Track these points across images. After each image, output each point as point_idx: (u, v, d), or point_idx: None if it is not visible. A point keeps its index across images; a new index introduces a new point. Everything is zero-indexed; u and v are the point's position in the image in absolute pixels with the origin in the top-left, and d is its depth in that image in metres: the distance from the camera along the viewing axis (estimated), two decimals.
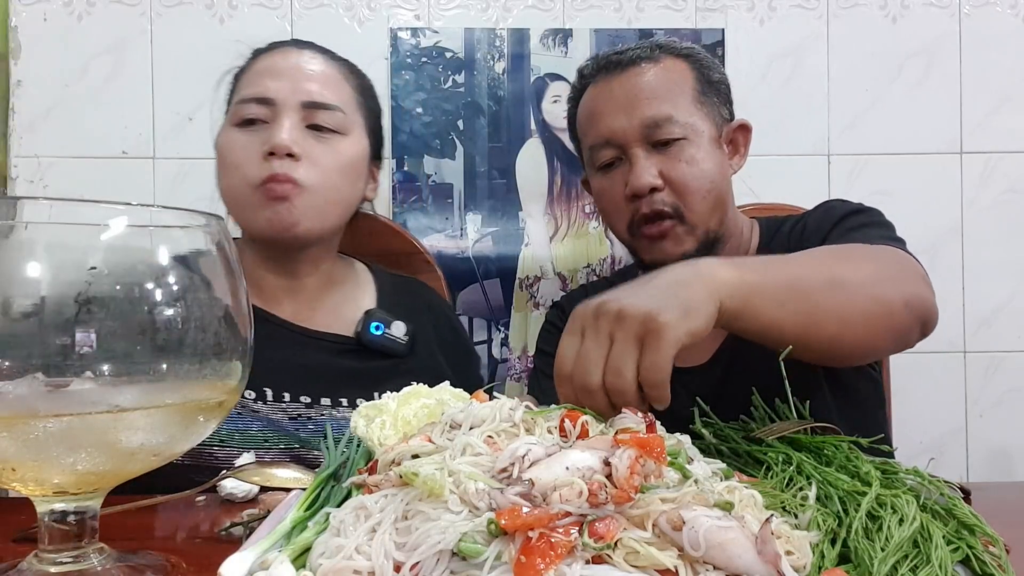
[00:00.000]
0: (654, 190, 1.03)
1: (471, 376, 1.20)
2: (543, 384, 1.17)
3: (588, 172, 1.14)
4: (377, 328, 1.06)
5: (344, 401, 1.03)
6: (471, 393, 1.05)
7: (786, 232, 1.11)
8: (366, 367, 1.05)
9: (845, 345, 0.81)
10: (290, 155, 0.97)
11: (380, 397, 1.06)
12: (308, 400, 1.01)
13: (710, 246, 1.06)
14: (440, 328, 1.17)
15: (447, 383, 0.71)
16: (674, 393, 1.01)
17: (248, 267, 1.01)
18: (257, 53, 1.08)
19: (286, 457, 0.98)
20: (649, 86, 1.05)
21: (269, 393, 1.00)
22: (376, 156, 1.12)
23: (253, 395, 0.99)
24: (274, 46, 1.07)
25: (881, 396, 1.14)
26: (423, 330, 1.12)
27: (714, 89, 1.10)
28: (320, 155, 1.00)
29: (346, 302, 1.10)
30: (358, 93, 1.08)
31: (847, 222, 1.04)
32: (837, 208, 1.09)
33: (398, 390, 1.05)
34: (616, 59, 1.08)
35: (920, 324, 0.87)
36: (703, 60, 1.11)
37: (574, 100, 1.15)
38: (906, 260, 0.91)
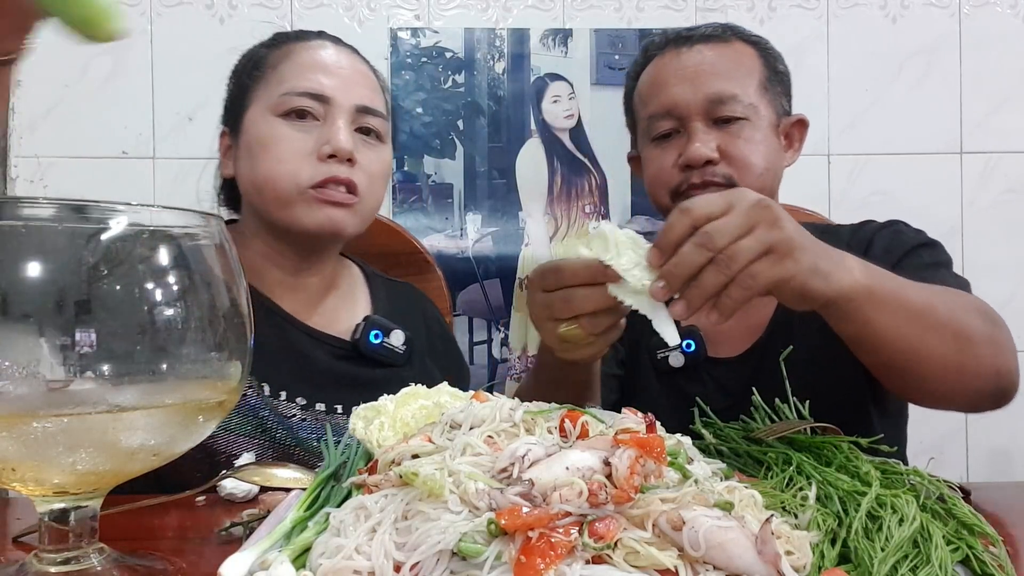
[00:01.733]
0: (709, 163, 1.01)
1: (462, 388, 1.20)
2: None
3: (641, 144, 1.12)
4: (376, 336, 1.04)
5: (339, 408, 1.01)
6: None
7: (843, 244, 1.08)
8: (363, 374, 1.04)
9: (927, 386, 0.83)
10: (349, 160, 0.96)
11: None
12: (304, 402, 1.00)
13: None
14: (433, 338, 1.16)
15: (445, 384, 0.71)
16: (701, 382, 1.00)
17: (250, 256, 1.00)
18: (287, 39, 1.04)
19: (279, 452, 0.97)
20: (718, 63, 1.05)
21: (267, 388, 0.98)
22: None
23: (254, 382, 0.97)
24: (305, 35, 1.05)
25: (906, 406, 1.14)
26: (418, 339, 1.10)
27: (778, 79, 1.10)
28: (369, 161, 1.00)
29: (343, 305, 1.09)
30: (388, 99, 1.08)
31: (920, 255, 1.02)
32: (907, 235, 1.07)
33: None
34: (687, 34, 1.09)
35: (998, 396, 0.87)
36: (770, 50, 1.11)
37: (634, 75, 1.13)
38: (1003, 325, 0.89)
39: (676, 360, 1.07)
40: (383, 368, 1.05)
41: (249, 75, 1.02)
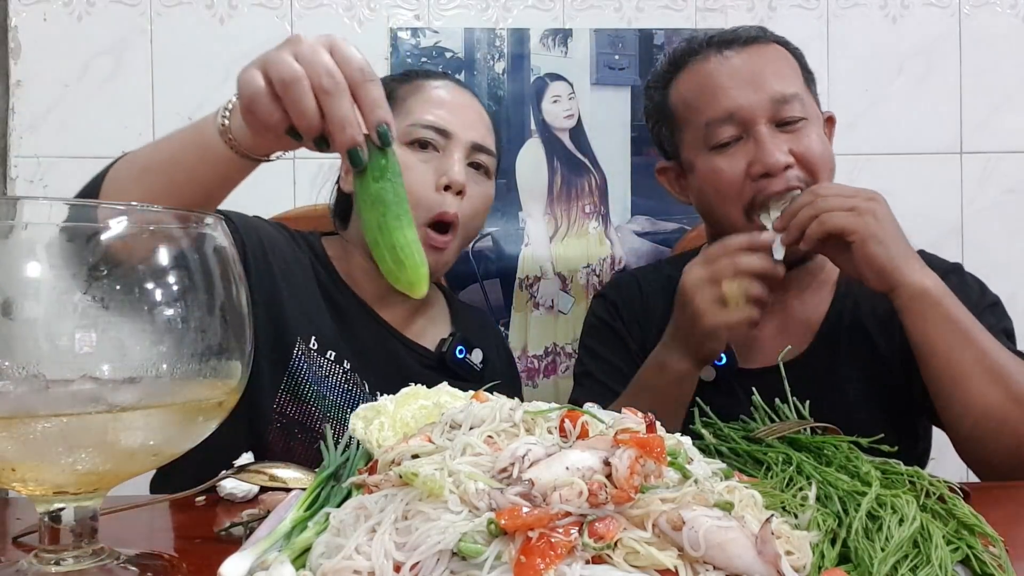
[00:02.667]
0: (787, 167, 0.98)
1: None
2: (593, 387, 1.10)
3: (692, 153, 1.05)
4: (460, 352, 1.12)
5: None
6: None
7: None
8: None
9: (966, 421, 0.90)
10: (459, 192, 1.05)
11: None
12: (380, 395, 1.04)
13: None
14: (500, 356, 1.24)
15: (445, 384, 0.71)
16: (734, 394, 1.04)
17: (354, 268, 1.10)
18: (414, 75, 1.14)
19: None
20: (773, 63, 1.02)
21: (366, 387, 1.05)
22: None
23: (333, 356, 1.04)
24: (434, 75, 1.15)
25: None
26: (490, 359, 1.18)
27: (811, 79, 1.08)
28: (476, 193, 1.08)
29: (431, 321, 1.17)
30: (498, 140, 1.15)
31: (987, 319, 0.98)
32: (974, 291, 1.06)
33: None
34: (731, 36, 1.04)
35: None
36: (799, 52, 1.09)
37: (663, 82, 1.08)
38: None
39: (707, 374, 1.03)
40: (461, 382, 1.07)
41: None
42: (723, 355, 1.04)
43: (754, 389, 0.83)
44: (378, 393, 1.02)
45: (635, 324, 1.15)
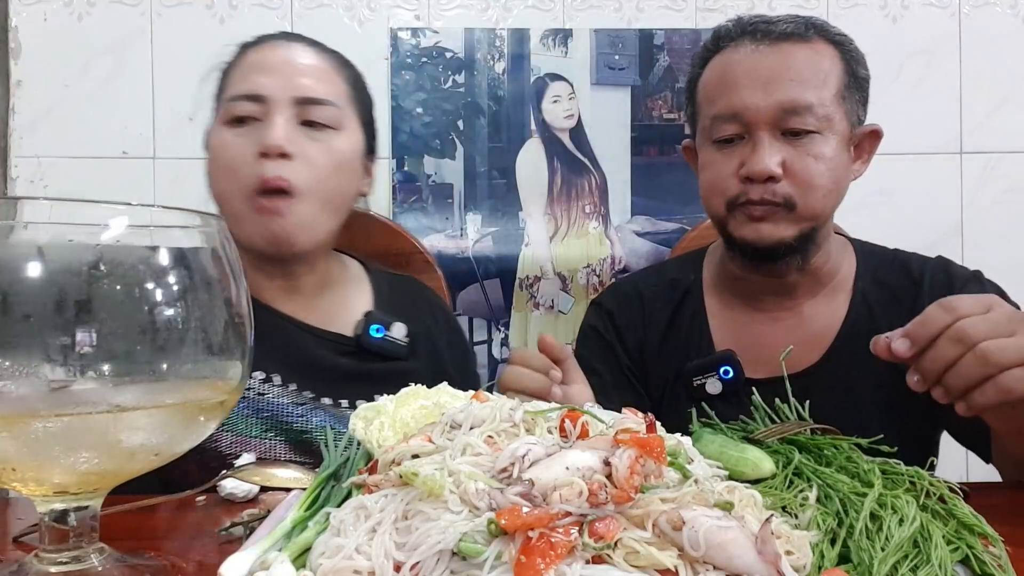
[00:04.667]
0: (771, 179, 0.95)
1: (469, 374, 1.19)
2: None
3: (700, 141, 1.04)
4: (378, 331, 1.04)
5: (344, 403, 1.02)
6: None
7: (899, 279, 1.05)
8: (366, 369, 1.04)
9: None
10: (283, 155, 0.94)
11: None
12: (312, 395, 1.01)
13: (809, 239, 0.99)
14: (440, 327, 1.15)
15: (445, 384, 0.71)
16: (741, 405, 1.00)
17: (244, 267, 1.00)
18: (245, 47, 1.04)
19: (284, 449, 0.98)
20: (796, 67, 0.95)
21: (278, 378, 0.99)
22: (370, 150, 1.10)
23: (263, 375, 0.98)
24: (262, 39, 1.04)
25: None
26: (423, 330, 1.10)
27: (858, 85, 1.01)
28: (315, 153, 0.97)
29: (343, 302, 1.08)
30: (350, 86, 1.05)
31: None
32: (957, 278, 1.03)
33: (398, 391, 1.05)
34: (766, 28, 0.99)
35: None
36: (853, 52, 1.01)
37: (702, 61, 1.05)
38: None
39: (713, 387, 1.02)
40: (388, 361, 1.05)
41: (217, 92, 1.03)
42: (729, 369, 1.01)
43: (754, 389, 0.82)
44: (291, 386, 1.00)
45: (632, 332, 1.12)
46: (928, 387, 0.72)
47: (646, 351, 1.11)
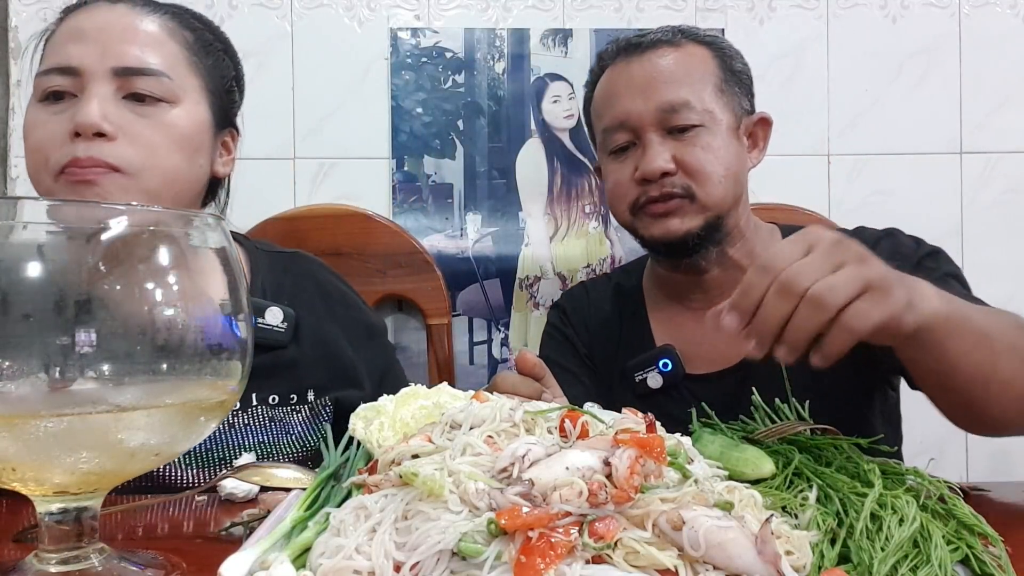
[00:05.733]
0: (665, 174, 0.99)
1: (376, 351, 1.08)
2: None
3: (600, 156, 1.11)
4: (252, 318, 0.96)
5: None
6: (385, 373, 0.99)
7: None
8: None
9: (994, 411, 0.78)
10: (100, 134, 0.83)
11: (266, 396, 0.94)
12: None
13: (716, 228, 1.02)
14: (332, 304, 1.05)
15: (445, 384, 0.71)
16: (683, 400, 0.99)
17: None
18: (65, 13, 0.91)
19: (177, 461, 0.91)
20: (668, 70, 1.02)
21: None
22: (225, 124, 0.97)
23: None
24: (82, 3, 0.91)
25: (899, 407, 1.14)
26: (310, 310, 1.00)
27: (736, 79, 1.07)
28: (141, 130, 0.85)
29: (207, 288, 1.01)
30: (189, 51, 0.92)
31: (927, 268, 0.97)
32: (909, 247, 1.02)
33: (285, 382, 0.96)
34: (636, 42, 1.06)
35: None
36: (726, 49, 1.08)
37: (591, 84, 1.11)
38: None
39: (654, 381, 1.06)
40: (265, 352, 0.94)
41: (37, 67, 0.92)
42: (669, 362, 1.05)
43: (754, 389, 0.83)
44: None
45: (583, 328, 1.18)
46: (766, 351, 0.64)
47: (594, 350, 1.16)
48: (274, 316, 0.95)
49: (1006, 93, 1.59)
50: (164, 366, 0.53)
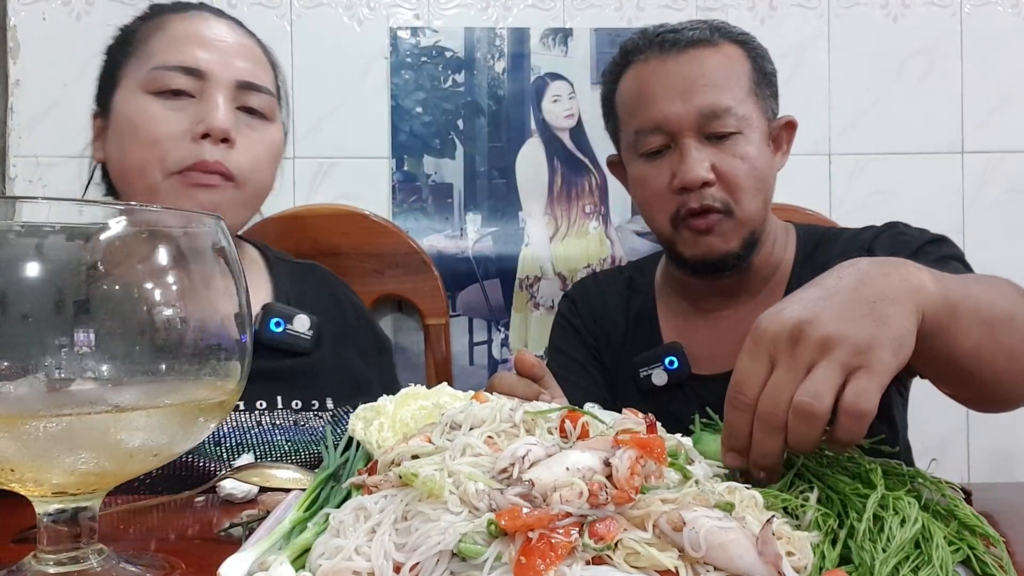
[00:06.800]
0: (705, 184, 0.97)
1: (385, 365, 1.13)
2: (563, 386, 1.09)
3: (626, 156, 1.07)
4: (278, 324, 0.96)
5: (241, 404, 0.94)
6: (387, 387, 1.02)
7: (837, 251, 1.04)
8: (268, 367, 0.94)
9: (1000, 388, 0.73)
10: (225, 140, 0.88)
11: (289, 400, 0.96)
12: None
13: (752, 245, 1.02)
14: (347, 317, 1.09)
15: (445, 384, 0.71)
16: (686, 400, 0.98)
17: None
18: (159, 11, 0.95)
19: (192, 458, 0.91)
20: (709, 73, 0.99)
21: None
22: None
23: None
24: (182, 7, 0.96)
25: (906, 414, 1.13)
26: (329, 321, 1.03)
27: (767, 80, 1.05)
28: (253, 142, 0.91)
29: (205, 292, 1.03)
30: (278, 76, 0.99)
31: (928, 252, 0.96)
32: (911, 235, 1.01)
33: (308, 388, 0.98)
34: (672, 38, 1.02)
35: None
36: (757, 48, 1.05)
37: (613, 76, 1.08)
38: None
39: (659, 378, 1.05)
40: (290, 357, 0.98)
41: (121, 51, 0.96)
42: (674, 359, 1.04)
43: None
44: None
45: (591, 319, 1.17)
46: (778, 476, 0.59)
47: (600, 343, 1.15)
48: (301, 323, 0.98)
49: (1008, 92, 1.58)
50: (163, 366, 0.53)
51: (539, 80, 1.58)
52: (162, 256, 0.55)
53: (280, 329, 0.96)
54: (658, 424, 0.58)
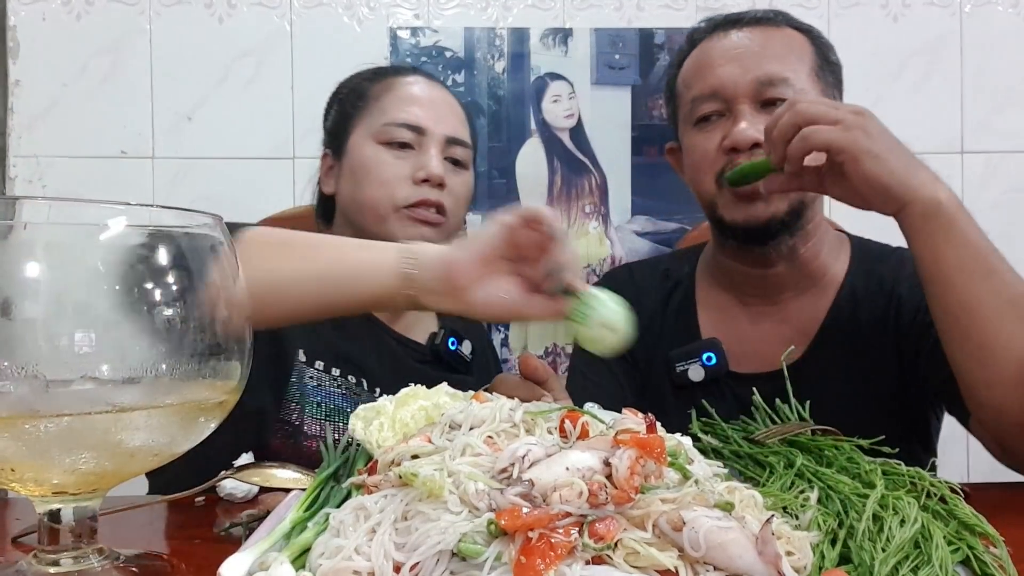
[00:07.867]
0: (756, 145, 0.95)
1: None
2: (585, 385, 1.09)
3: (682, 130, 1.06)
4: (453, 344, 1.12)
5: None
6: None
7: (894, 266, 1.04)
8: (439, 377, 1.01)
9: (986, 357, 0.78)
10: (440, 185, 1.07)
11: None
12: (379, 392, 1.03)
13: (798, 214, 0.99)
14: (484, 348, 1.24)
15: (444, 384, 0.71)
16: (722, 398, 0.99)
17: None
18: (385, 73, 1.16)
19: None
20: (769, 45, 1.00)
21: (365, 384, 1.06)
22: None
23: (354, 377, 1.06)
24: (404, 71, 1.17)
25: (939, 431, 1.12)
26: (480, 349, 1.18)
27: (831, 69, 1.05)
28: (456, 186, 1.10)
29: (418, 315, 1.17)
30: (473, 130, 1.17)
31: None
32: None
33: None
34: (736, 16, 1.04)
35: None
36: (822, 39, 1.06)
37: (679, 62, 1.08)
38: None
39: (696, 374, 1.02)
40: (455, 374, 1.12)
41: (353, 104, 1.14)
42: (712, 355, 1.02)
43: (755, 389, 0.82)
44: (377, 391, 1.05)
45: None
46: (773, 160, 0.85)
47: (637, 328, 1.12)
48: (467, 347, 1.15)
49: (1008, 92, 1.59)
50: (163, 366, 0.53)
51: (539, 80, 1.58)
52: (162, 256, 0.55)
53: (454, 348, 1.13)
54: (658, 424, 0.58)
